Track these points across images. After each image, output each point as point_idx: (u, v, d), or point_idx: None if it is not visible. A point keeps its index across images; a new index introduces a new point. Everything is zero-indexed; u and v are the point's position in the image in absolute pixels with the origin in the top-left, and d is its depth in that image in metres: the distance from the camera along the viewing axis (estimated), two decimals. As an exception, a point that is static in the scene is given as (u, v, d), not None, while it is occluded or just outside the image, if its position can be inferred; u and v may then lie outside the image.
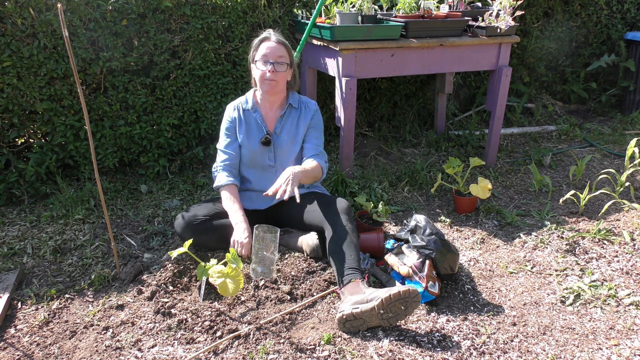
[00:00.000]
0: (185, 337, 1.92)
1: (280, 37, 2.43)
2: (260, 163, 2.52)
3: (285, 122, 2.52)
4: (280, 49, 2.39)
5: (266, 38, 2.40)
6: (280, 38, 2.42)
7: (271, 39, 2.39)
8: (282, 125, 2.51)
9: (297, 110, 2.54)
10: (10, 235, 2.65)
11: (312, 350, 1.86)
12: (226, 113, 2.55)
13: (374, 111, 4.15)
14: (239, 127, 2.52)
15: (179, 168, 3.37)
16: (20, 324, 2.03)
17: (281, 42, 2.40)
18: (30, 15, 2.73)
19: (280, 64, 2.37)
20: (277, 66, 2.37)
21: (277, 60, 2.36)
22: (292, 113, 2.53)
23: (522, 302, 2.18)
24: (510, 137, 4.19)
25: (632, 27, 4.84)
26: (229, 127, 2.53)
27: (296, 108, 2.53)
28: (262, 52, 2.37)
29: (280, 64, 2.37)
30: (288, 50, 2.42)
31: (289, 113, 2.52)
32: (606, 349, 1.91)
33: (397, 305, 1.91)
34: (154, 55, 3.07)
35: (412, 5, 3.14)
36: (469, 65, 3.26)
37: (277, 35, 2.42)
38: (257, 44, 2.42)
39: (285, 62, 2.39)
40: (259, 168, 2.54)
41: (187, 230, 2.36)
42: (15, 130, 2.96)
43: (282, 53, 2.39)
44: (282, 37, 2.44)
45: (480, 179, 2.89)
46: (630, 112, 4.68)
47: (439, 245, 2.21)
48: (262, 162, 2.52)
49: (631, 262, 2.44)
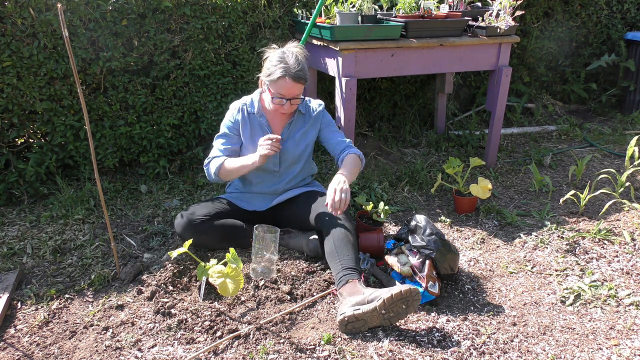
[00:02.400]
0: (185, 337, 1.92)
1: (300, 70, 2.22)
2: (264, 167, 2.46)
3: (293, 129, 2.46)
4: (298, 87, 2.25)
5: (284, 76, 2.21)
6: (299, 73, 2.22)
7: (290, 78, 2.21)
8: (290, 131, 2.46)
9: (304, 116, 2.48)
10: (10, 235, 2.65)
11: (312, 350, 1.85)
12: (229, 112, 2.46)
13: (374, 111, 4.15)
14: (242, 130, 2.44)
15: (179, 168, 3.37)
16: (20, 324, 2.03)
17: (299, 79, 2.22)
18: (30, 15, 2.73)
19: (296, 99, 2.29)
20: (294, 101, 2.29)
21: (294, 97, 2.28)
22: (299, 119, 2.47)
23: (522, 302, 2.18)
24: (510, 137, 4.19)
25: (632, 27, 4.84)
26: (230, 127, 2.44)
27: (304, 114, 2.48)
28: (280, 90, 2.24)
29: (297, 98, 2.29)
30: (305, 80, 2.27)
31: (296, 119, 2.47)
32: (606, 349, 1.91)
33: (399, 305, 1.91)
34: (154, 55, 3.07)
35: (412, 5, 3.14)
36: (469, 65, 3.26)
37: (295, 69, 2.21)
38: (275, 77, 2.22)
39: (301, 95, 2.32)
40: (262, 171, 2.49)
41: (187, 230, 2.36)
42: (15, 130, 2.96)
43: (300, 89, 2.27)
44: (301, 70, 2.23)
45: (480, 179, 2.89)
46: (631, 112, 4.68)
47: (439, 245, 2.21)
48: (266, 167, 2.46)
49: (631, 262, 2.44)
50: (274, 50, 2.32)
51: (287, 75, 2.21)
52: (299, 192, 2.54)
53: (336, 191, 2.17)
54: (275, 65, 2.23)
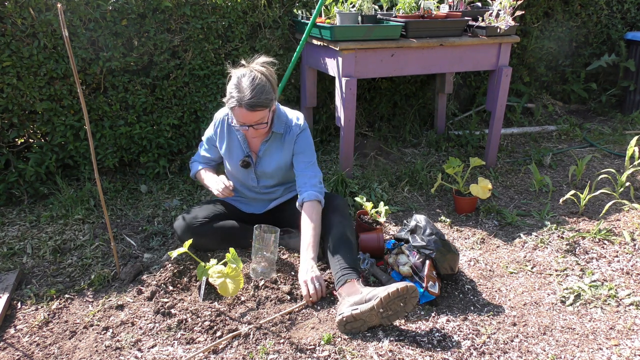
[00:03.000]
0: (185, 337, 1.92)
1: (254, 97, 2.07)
2: (243, 181, 2.48)
3: (269, 147, 2.38)
4: (256, 114, 2.12)
5: (237, 106, 2.10)
6: (253, 100, 2.07)
7: (243, 107, 2.09)
8: (266, 149, 2.38)
9: (282, 136, 2.36)
10: (10, 235, 2.65)
11: (312, 350, 1.85)
12: (212, 123, 2.46)
13: (374, 111, 4.15)
14: (219, 143, 2.45)
15: (179, 168, 3.37)
16: (20, 324, 2.03)
17: (255, 107, 2.09)
18: (30, 15, 2.73)
19: (260, 124, 2.18)
20: (257, 126, 2.18)
21: (256, 123, 2.17)
22: (277, 138, 2.38)
23: (522, 302, 2.18)
24: (510, 137, 4.19)
25: (632, 27, 4.83)
26: (209, 139, 2.50)
27: (282, 134, 2.35)
28: (238, 118, 2.16)
29: (260, 124, 2.18)
30: (264, 106, 2.12)
31: (274, 138, 2.37)
32: (606, 349, 1.91)
33: (396, 303, 1.91)
34: (154, 55, 3.07)
35: (412, 5, 3.14)
36: (469, 65, 3.26)
37: (250, 96, 2.07)
38: (230, 107, 2.14)
39: (264, 120, 2.18)
40: (243, 185, 2.52)
41: (187, 233, 2.36)
42: (15, 130, 2.96)
43: (259, 116, 2.14)
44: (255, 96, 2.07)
45: (480, 179, 2.89)
46: (631, 112, 4.68)
47: (439, 245, 2.21)
48: (244, 181, 2.48)
49: (631, 262, 2.44)
50: (236, 69, 2.19)
51: (240, 104, 2.10)
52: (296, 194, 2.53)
53: (307, 283, 2.06)
54: (231, 92, 2.13)
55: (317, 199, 2.29)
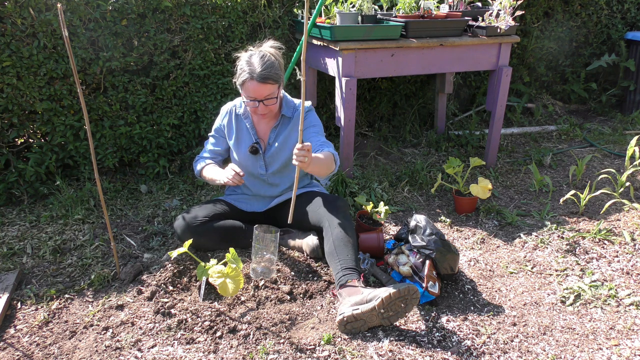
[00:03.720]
0: (185, 337, 1.92)
1: (265, 71, 2.17)
2: (251, 171, 2.48)
3: (279, 133, 2.43)
4: (267, 87, 2.20)
5: (249, 78, 2.18)
6: (265, 73, 2.17)
7: (255, 80, 2.18)
8: (276, 135, 2.43)
9: (290, 120, 2.43)
10: (10, 235, 2.65)
11: (312, 350, 1.85)
12: (220, 114, 2.52)
13: (374, 111, 4.15)
14: (228, 134, 2.48)
15: (179, 168, 3.37)
16: (20, 324, 2.03)
17: (266, 79, 2.18)
18: (30, 15, 2.73)
19: (269, 99, 2.24)
20: (267, 102, 2.24)
21: (266, 98, 2.23)
22: (285, 123, 2.43)
23: (522, 302, 2.18)
24: (511, 137, 4.19)
25: (632, 27, 4.83)
26: (217, 130, 2.52)
27: (290, 117, 2.42)
28: (248, 92, 2.22)
29: (270, 99, 2.24)
30: (275, 80, 2.21)
31: (282, 122, 2.43)
32: (606, 349, 1.91)
33: (397, 304, 1.91)
34: (154, 55, 3.07)
35: (412, 5, 3.14)
36: (469, 65, 3.26)
37: (261, 71, 2.17)
38: (241, 81, 2.22)
39: (274, 95, 2.24)
40: (252, 176, 2.51)
41: (187, 232, 2.36)
42: (15, 130, 2.96)
43: (269, 90, 2.21)
44: (266, 70, 2.18)
45: (480, 179, 2.89)
46: (631, 112, 4.68)
47: (439, 245, 2.21)
48: (253, 170, 2.48)
49: (631, 262, 2.44)
50: (245, 52, 2.29)
51: (252, 77, 2.18)
52: (298, 193, 2.53)
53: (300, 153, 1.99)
54: (242, 68, 2.22)
55: (332, 153, 2.29)
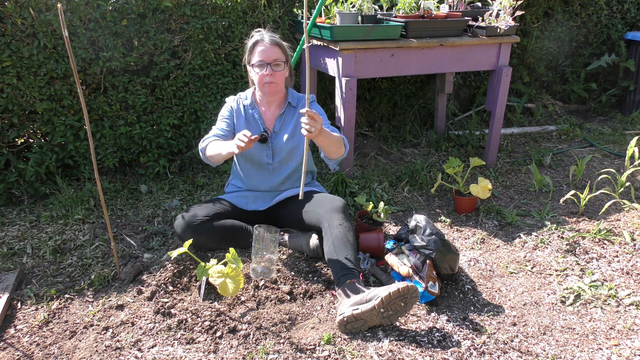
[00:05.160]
0: (185, 337, 1.92)
1: (273, 36, 2.40)
2: (257, 160, 2.50)
3: (284, 121, 2.50)
4: (275, 49, 2.35)
5: (259, 41, 2.37)
6: (274, 37, 2.39)
7: (265, 41, 2.36)
8: (282, 124, 2.49)
9: (295, 109, 2.51)
10: (10, 235, 2.65)
11: (312, 350, 1.85)
12: (226, 104, 2.56)
13: (374, 111, 4.15)
14: (237, 119, 2.51)
15: (179, 168, 3.37)
16: (20, 324, 2.03)
17: (275, 43, 2.37)
18: (30, 15, 2.73)
19: (277, 65, 2.35)
20: (275, 67, 2.35)
21: (274, 62, 2.34)
22: (291, 111, 2.51)
23: (522, 302, 2.18)
24: (510, 137, 4.19)
25: (632, 27, 4.83)
26: (227, 115, 2.52)
27: (295, 106, 2.51)
28: (257, 56, 2.35)
29: (278, 65, 2.35)
30: (282, 49, 2.39)
31: (288, 111, 2.50)
32: (606, 349, 1.91)
33: (397, 303, 1.91)
34: (154, 55, 3.07)
35: (412, 5, 3.14)
36: (469, 65, 3.26)
37: (270, 35, 2.39)
38: (251, 47, 2.39)
39: (282, 61, 2.37)
40: (256, 165, 2.51)
41: (187, 231, 2.36)
42: (15, 130, 2.96)
43: (278, 54, 2.36)
44: (274, 36, 2.40)
45: (480, 179, 2.89)
46: (631, 112, 4.68)
47: (439, 245, 2.21)
48: (259, 159, 2.50)
49: (631, 262, 2.44)
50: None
51: (261, 39, 2.36)
52: (298, 192, 2.53)
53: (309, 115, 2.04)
54: (252, 35, 2.42)
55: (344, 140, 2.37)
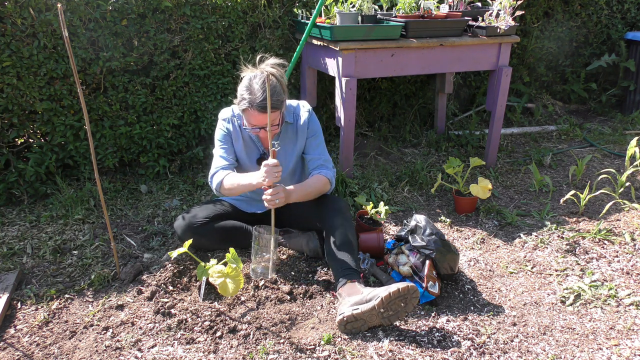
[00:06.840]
0: (185, 337, 1.92)
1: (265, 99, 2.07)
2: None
3: (283, 141, 2.38)
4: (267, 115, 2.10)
5: (249, 108, 2.11)
6: (265, 103, 2.07)
7: (255, 108, 2.10)
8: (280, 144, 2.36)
9: (292, 125, 2.39)
10: (10, 235, 2.65)
11: (312, 350, 1.85)
12: (220, 123, 2.38)
13: (374, 111, 4.15)
14: (235, 141, 2.38)
15: (178, 168, 3.37)
16: (20, 324, 2.03)
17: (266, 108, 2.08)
18: (30, 15, 2.73)
19: (272, 125, 2.16)
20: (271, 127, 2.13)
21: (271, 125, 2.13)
22: (288, 129, 2.40)
23: (522, 302, 2.18)
24: (510, 137, 4.19)
25: (632, 27, 4.83)
26: (224, 136, 2.36)
27: (292, 123, 2.39)
28: (250, 120, 2.17)
29: (272, 126, 2.15)
30: (277, 107, 2.14)
31: (285, 130, 2.39)
32: (606, 349, 1.91)
33: (397, 303, 1.91)
34: (154, 55, 3.07)
35: (412, 5, 3.14)
36: (469, 65, 3.26)
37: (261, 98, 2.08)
38: (241, 109, 2.15)
39: (276, 122, 2.19)
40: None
41: (187, 232, 2.35)
42: (15, 130, 2.95)
43: (271, 117, 2.10)
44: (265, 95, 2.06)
45: (480, 179, 2.89)
46: (631, 112, 4.68)
47: (439, 245, 2.21)
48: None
49: (631, 262, 2.44)
50: (246, 71, 2.20)
51: (251, 107, 2.11)
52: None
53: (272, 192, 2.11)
54: (242, 94, 2.14)
55: (327, 177, 2.34)
